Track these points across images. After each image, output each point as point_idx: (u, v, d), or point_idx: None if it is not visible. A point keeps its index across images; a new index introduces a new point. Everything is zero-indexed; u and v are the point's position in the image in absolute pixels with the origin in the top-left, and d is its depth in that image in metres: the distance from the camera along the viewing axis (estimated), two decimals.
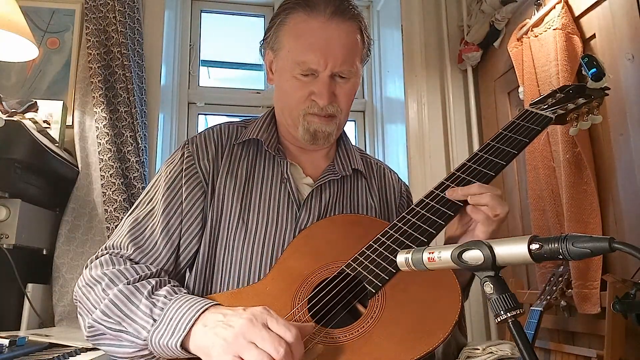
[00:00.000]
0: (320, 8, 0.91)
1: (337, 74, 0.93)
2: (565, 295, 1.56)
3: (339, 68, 0.91)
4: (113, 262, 0.84)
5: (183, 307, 0.74)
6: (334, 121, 0.96)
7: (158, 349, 0.73)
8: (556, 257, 0.51)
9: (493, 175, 0.87)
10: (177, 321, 0.72)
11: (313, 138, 0.96)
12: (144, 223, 0.91)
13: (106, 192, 1.82)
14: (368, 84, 2.60)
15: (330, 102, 0.93)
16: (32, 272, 1.65)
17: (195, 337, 0.71)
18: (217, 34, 2.60)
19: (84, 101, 1.94)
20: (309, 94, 0.93)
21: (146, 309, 0.75)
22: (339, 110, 0.95)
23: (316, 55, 0.90)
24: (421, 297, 0.75)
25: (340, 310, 0.78)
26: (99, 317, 0.77)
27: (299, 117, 0.95)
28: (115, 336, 0.77)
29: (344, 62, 0.92)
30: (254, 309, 0.70)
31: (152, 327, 0.73)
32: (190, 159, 0.96)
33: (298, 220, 0.93)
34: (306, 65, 0.91)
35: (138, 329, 0.74)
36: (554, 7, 1.69)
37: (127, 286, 0.78)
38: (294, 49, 0.93)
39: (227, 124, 1.04)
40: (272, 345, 0.64)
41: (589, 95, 0.99)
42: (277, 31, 0.96)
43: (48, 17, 2.06)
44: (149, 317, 0.74)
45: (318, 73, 0.91)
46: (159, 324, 0.73)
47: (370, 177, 1.07)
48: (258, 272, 0.89)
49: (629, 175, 1.43)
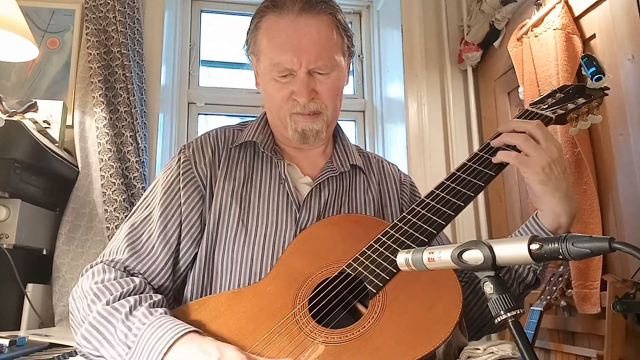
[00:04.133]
0: (288, 7, 0.91)
1: (315, 71, 0.92)
2: (565, 295, 1.56)
3: (314, 65, 0.91)
4: (104, 271, 0.83)
5: (157, 333, 0.72)
6: (320, 118, 0.95)
7: None
8: (556, 257, 0.51)
9: (493, 175, 0.87)
10: (151, 349, 0.71)
11: (302, 137, 0.95)
12: (141, 228, 0.90)
13: (106, 192, 1.82)
14: (368, 84, 2.60)
15: (311, 99, 0.92)
16: (32, 272, 1.65)
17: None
18: (217, 34, 2.60)
19: (84, 101, 1.94)
20: (289, 93, 0.93)
21: (122, 335, 0.74)
22: (324, 106, 0.94)
23: (289, 55, 0.90)
24: (422, 297, 0.75)
25: (341, 310, 0.78)
26: (80, 342, 0.78)
27: (286, 118, 0.95)
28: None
29: (318, 58, 0.91)
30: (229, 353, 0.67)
31: (127, 355, 0.73)
32: (187, 163, 0.96)
33: (298, 221, 0.93)
34: (281, 66, 0.91)
35: (115, 355, 0.74)
36: (554, 7, 1.70)
37: (105, 307, 0.77)
38: (268, 52, 0.93)
39: (223, 128, 1.04)
40: None
41: (588, 95, 0.99)
42: (254, 37, 0.97)
43: (48, 17, 2.06)
44: (124, 344, 0.74)
45: (295, 72, 0.91)
46: (133, 351, 0.72)
47: (369, 172, 1.07)
48: (258, 274, 0.88)
49: (629, 175, 1.43)
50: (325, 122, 0.96)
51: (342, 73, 0.98)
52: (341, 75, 0.97)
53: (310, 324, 0.74)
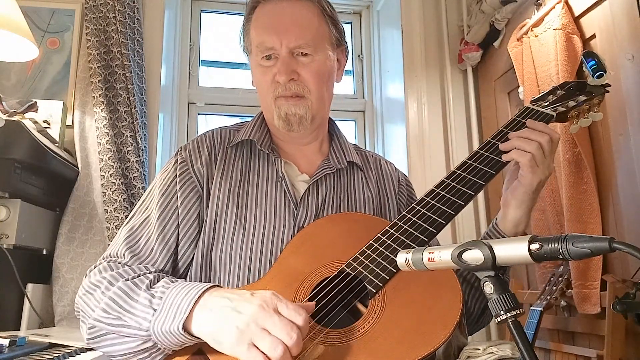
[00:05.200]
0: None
1: (297, 52, 0.93)
2: (565, 295, 1.56)
3: (294, 43, 0.92)
4: (111, 268, 0.84)
5: (182, 292, 0.73)
6: (304, 103, 0.94)
7: (162, 338, 0.72)
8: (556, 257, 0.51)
9: (494, 173, 0.87)
10: (178, 305, 0.72)
11: (286, 123, 0.95)
12: (140, 231, 0.90)
13: (106, 192, 1.82)
14: (368, 84, 2.60)
15: (291, 79, 0.93)
16: (32, 272, 1.66)
17: (199, 321, 0.70)
18: (217, 34, 2.60)
19: (84, 101, 1.94)
20: (272, 76, 0.94)
21: (145, 301, 0.75)
22: (307, 90, 0.94)
23: (270, 34, 0.93)
24: (422, 297, 0.75)
25: (341, 310, 0.78)
26: (100, 315, 0.77)
27: (272, 105, 0.96)
28: (117, 332, 0.76)
29: (299, 37, 0.92)
30: (263, 294, 0.69)
31: (153, 316, 0.73)
32: (184, 164, 0.96)
33: (296, 219, 0.93)
34: (263, 46, 0.93)
35: (139, 320, 0.74)
36: (554, 7, 1.70)
37: (125, 282, 0.78)
38: (254, 36, 0.96)
39: (220, 129, 1.04)
40: (285, 331, 0.64)
41: (589, 92, 0.99)
42: (246, 31, 1.00)
43: (48, 17, 2.06)
44: (148, 307, 0.74)
45: (278, 53, 0.93)
46: (159, 312, 0.73)
47: (366, 169, 1.06)
48: (257, 273, 0.88)
49: (629, 175, 1.43)
50: (309, 108, 0.95)
51: (329, 62, 0.97)
52: (327, 63, 0.97)
53: (310, 324, 0.74)
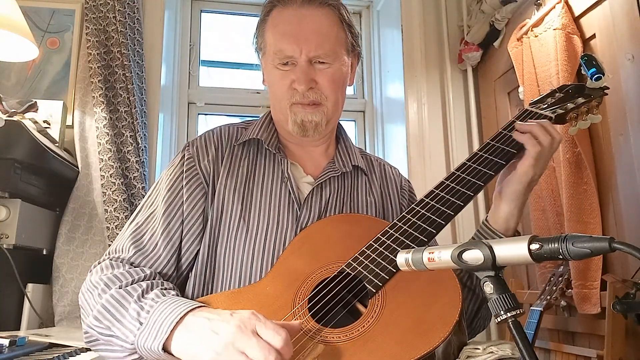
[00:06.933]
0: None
1: (316, 60, 0.93)
2: (565, 295, 1.56)
3: (314, 52, 0.92)
4: (112, 267, 0.84)
5: (167, 309, 0.73)
6: (320, 110, 0.95)
7: (145, 353, 0.74)
8: (556, 257, 0.51)
9: (492, 174, 0.87)
10: (161, 324, 0.72)
11: (302, 129, 0.95)
12: (145, 226, 0.91)
13: (106, 192, 1.82)
14: (368, 84, 2.60)
15: (310, 88, 0.93)
16: (32, 272, 1.66)
17: (178, 341, 0.70)
18: (217, 34, 2.60)
19: (84, 101, 1.93)
20: (290, 82, 0.94)
21: (134, 313, 0.75)
22: (324, 97, 0.95)
23: (290, 42, 0.92)
24: (422, 296, 0.75)
25: (341, 310, 0.78)
26: (92, 323, 0.78)
27: (287, 110, 0.95)
28: (107, 341, 0.77)
29: (319, 46, 0.92)
30: (242, 314, 0.68)
31: (139, 330, 0.73)
32: (191, 160, 0.96)
33: (299, 220, 0.93)
34: (282, 53, 0.93)
35: (126, 332, 0.75)
36: (554, 7, 1.69)
37: (118, 290, 0.78)
38: (272, 41, 0.95)
39: (227, 126, 1.04)
40: (262, 354, 0.63)
41: (588, 94, 0.99)
42: (260, 31, 0.99)
43: (48, 17, 2.06)
44: (136, 320, 0.74)
45: (296, 60, 0.93)
46: (144, 327, 0.73)
47: (371, 174, 1.07)
48: (259, 272, 0.89)
49: (629, 175, 1.43)
50: (325, 115, 0.96)
51: (345, 67, 0.98)
52: (343, 69, 0.97)
53: (310, 324, 0.74)
